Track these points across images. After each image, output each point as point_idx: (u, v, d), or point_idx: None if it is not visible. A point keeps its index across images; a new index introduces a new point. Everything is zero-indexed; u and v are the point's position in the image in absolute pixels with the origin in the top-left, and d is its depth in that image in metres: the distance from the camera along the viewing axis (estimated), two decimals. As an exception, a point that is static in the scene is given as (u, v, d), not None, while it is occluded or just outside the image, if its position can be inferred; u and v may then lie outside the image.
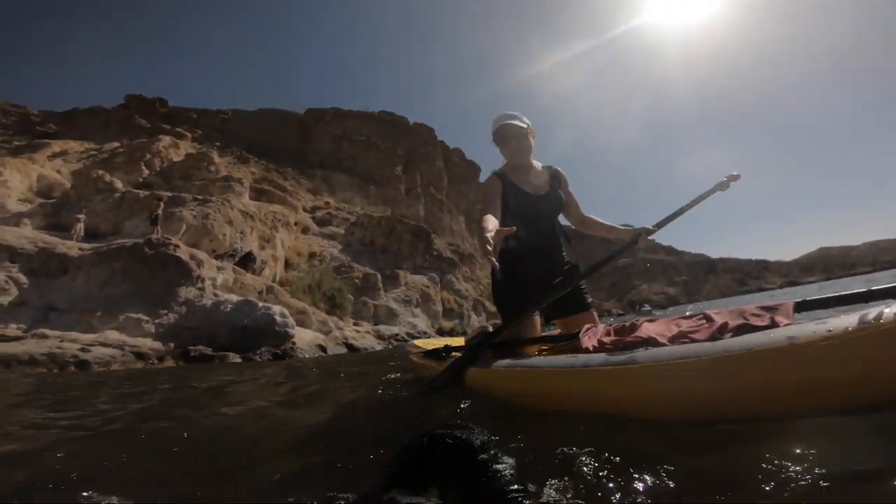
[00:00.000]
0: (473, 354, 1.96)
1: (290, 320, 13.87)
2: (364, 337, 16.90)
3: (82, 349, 9.99)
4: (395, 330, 18.68)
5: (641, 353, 1.22)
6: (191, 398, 4.01)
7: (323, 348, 13.84)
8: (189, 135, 39.80)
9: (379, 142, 46.07)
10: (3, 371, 8.40)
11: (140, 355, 10.61)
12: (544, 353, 1.79)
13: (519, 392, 1.57)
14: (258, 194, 23.03)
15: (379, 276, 20.07)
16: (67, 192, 16.01)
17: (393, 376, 3.36)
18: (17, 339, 10.10)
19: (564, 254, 2.32)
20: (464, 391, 1.90)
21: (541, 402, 1.47)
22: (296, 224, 21.14)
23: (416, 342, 3.53)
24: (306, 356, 12.71)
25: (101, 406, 3.59)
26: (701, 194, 2.04)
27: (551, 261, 2.23)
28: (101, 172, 17.12)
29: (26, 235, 12.52)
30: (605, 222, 2.31)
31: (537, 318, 2.03)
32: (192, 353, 11.27)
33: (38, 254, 11.87)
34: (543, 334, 2.03)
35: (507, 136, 2.15)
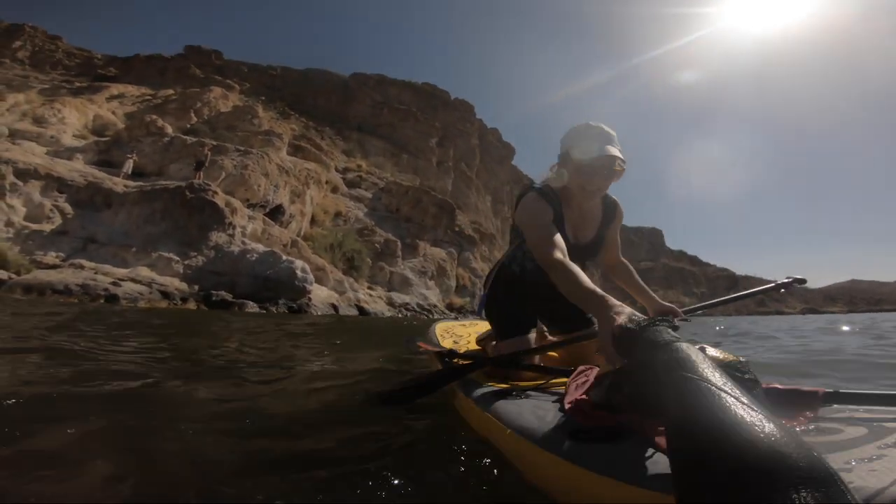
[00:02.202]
0: (453, 374, 1.66)
1: (310, 276, 14.41)
2: (376, 302, 17.22)
3: (114, 283, 10.73)
4: (407, 299, 19.06)
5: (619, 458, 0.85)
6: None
7: (335, 307, 14.38)
8: (237, 87, 40.95)
9: (418, 112, 46.09)
10: (36, 298, 8.87)
11: (166, 294, 11.35)
12: (538, 383, 1.52)
13: (485, 436, 1.32)
14: (295, 150, 23.77)
15: (399, 243, 20.55)
16: (120, 133, 17.14)
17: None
18: (54, 267, 10.92)
19: None
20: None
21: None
22: (326, 182, 21.80)
23: (441, 328, 2.98)
24: (319, 313, 13.19)
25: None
26: (751, 291, 1.72)
27: (557, 301, 1.65)
28: (153, 117, 18.18)
29: (77, 168, 13.58)
30: (639, 279, 1.90)
31: (534, 336, 1.77)
32: (213, 298, 11.93)
33: (85, 187, 12.85)
34: (547, 344, 1.81)
35: (600, 170, 1.58)
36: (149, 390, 1.91)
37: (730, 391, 0.60)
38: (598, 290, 1.12)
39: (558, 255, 1.36)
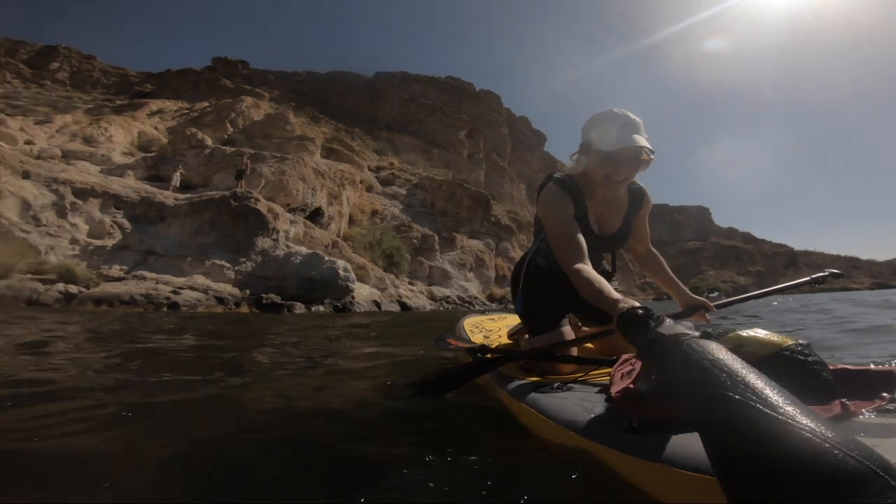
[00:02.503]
0: (484, 366, 1.58)
1: (352, 275, 14.69)
2: (417, 297, 17.42)
3: (174, 291, 11.26)
4: (448, 292, 19.19)
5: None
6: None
7: (378, 304, 14.60)
8: (267, 95, 41.96)
9: (444, 106, 45.98)
10: (105, 309, 9.34)
11: (221, 300, 11.81)
12: (578, 375, 1.47)
13: (530, 429, 1.27)
14: (328, 153, 24.14)
15: (436, 237, 20.59)
16: (164, 147, 17.83)
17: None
18: (119, 279, 11.53)
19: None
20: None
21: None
22: (361, 182, 22.04)
23: (471, 322, 2.91)
24: (362, 310, 13.44)
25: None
26: (788, 284, 1.67)
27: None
28: (193, 130, 18.83)
29: (130, 185, 14.21)
30: (670, 272, 1.84)
31: (569, 329, 1.70)
32: (264, 301, 12.33)
33: (140, 202, 13.43)
34: (585, 334, 1.76)
35: (626, 160, 1.52)
36: (210, 387, 2.07)
37: (748, 395, 0.56)
38: (615, 294, 1.13)
39: (576, 260, 1.38)
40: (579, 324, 1.99)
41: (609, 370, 1.30)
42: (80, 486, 1.02)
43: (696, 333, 0.76)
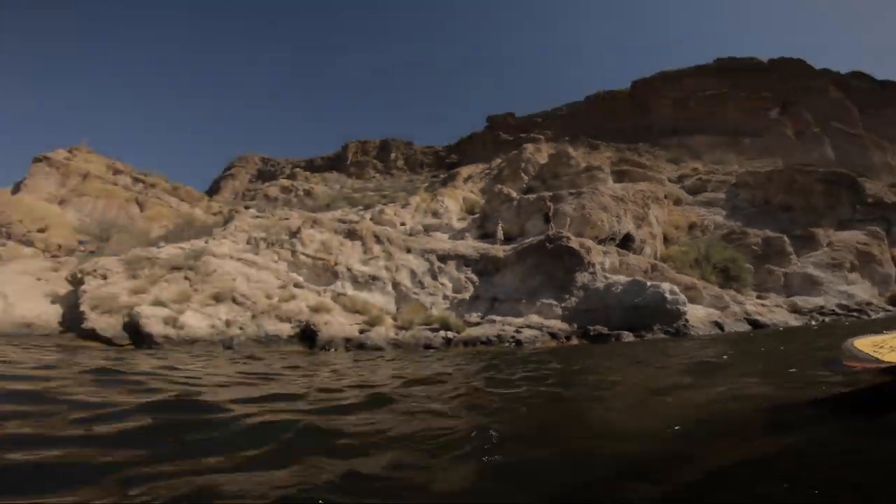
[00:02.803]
0: None
1: (681, 297, 13.38)
2: (773, 311, 14.47)
3: (516, 331, 12.85)
4: (819, 301, 15.03)
5: None
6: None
7: (719, 325, 13.06)
8: (542, 137, 45.06)
9: (731, 91, 38.53)
10: (471, 349, 11.42)
11: (553, 335, 12.76)
12: None
13: None
14: (619, 176, 23.42)
15: (785, 238, 16.57)
16: (483, 207, 20.99)
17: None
18: (477, 324, 13.87)
19: None
20: None
21: None
22: (665, 198, 20.22)
23: (858, 342, 2.48)
24: (700, 334, 12.29)
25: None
26: None
27: None
28: (499, 187, 21.60)
29: (470, 245, 17.07)
30: None
31: None
32: (591, 333, 12.78)
33: (480, 258, 15.89)
34: None
35: None
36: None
37: None
38: None
39: None
40: None
41: None
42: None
43: None
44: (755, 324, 13.30)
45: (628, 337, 12.33)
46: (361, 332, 12.40)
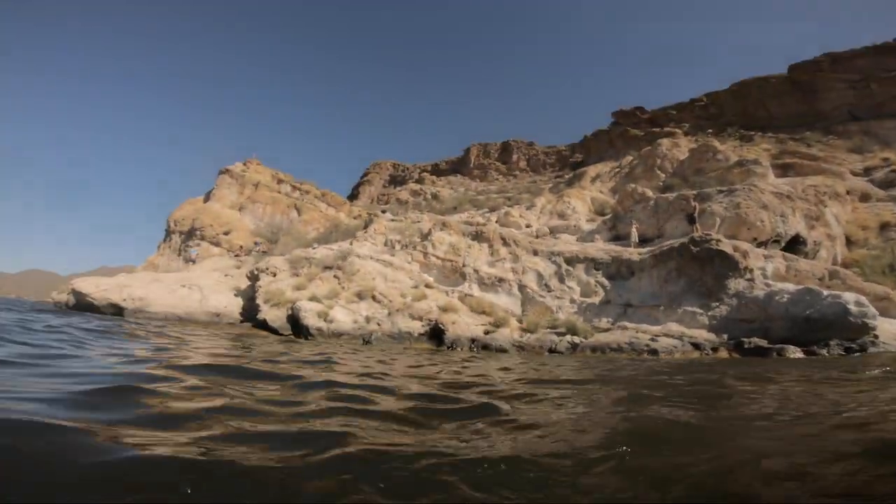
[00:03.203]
0: None
1: (870, 309, 11.24)
2: None
3: (652, 339, 11.96)
4: None
5: None
6: None
7: None
8: (678, 131, 40.80)
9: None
10: (600, 356, 11.01)
11: (696, 345, 11.68)
12: None
13: None
14: (783, 170, 20.13)
15: None
16: (615, 207, 19.81)
17: None
18: (606, 330, 13.15)
19: None
20: None
21: None
22: (848, 193, 16.80)
23: None
24: (891, 350, 10.40)
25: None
26: None
27: None
28: (633, 186, 20.15)
29: (601, 248, 16.22)
30: None
31: None
32: (746, 345, 11.41)
33: (612, 262, 15.00)
34: None
35: None
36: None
37: None
38: None
39: None
40: None
41: None
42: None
43: None
44: None
45: (795, 352, 10.78)
46: (486, 332, 12.62)
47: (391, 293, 13.21)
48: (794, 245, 14.68)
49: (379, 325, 11.80)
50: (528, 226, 19.78)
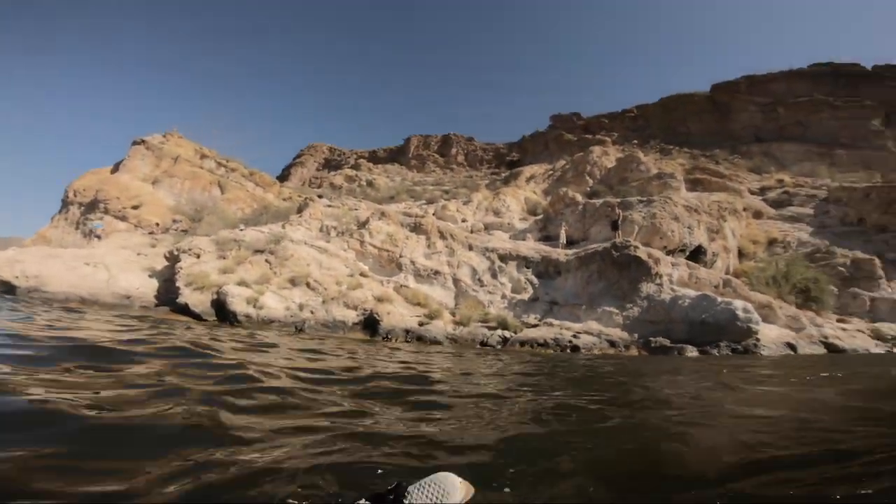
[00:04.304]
0: None
1: (755, 315, 12.88)
2: (854, 336, 13.60)
3: (574, 336, 12.86)
4: (906, 330, 13.81)
5: None
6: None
7: (792, 346, 12.46)
8: (608, 139, 43.61)
9: (829, 98, 35.19)
10: (528, 350, 11.67)
11: (612, 343, 12.70)
12: None
13: None
14: (693, 185, 22.35)
15: (876, 261, 15.25)
16: (546, 209, 20.82)
17: None
18: (534, 326, 13.90)
19: None
20: None
21: None
22: (745, 210, 19.07)
23: None
24: (769, 353, 11.78)
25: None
26: None
27: None
28: (564, 190, 21.29)
29: (531, 247, 17.02)
30: None
31: None
32: (652, 344, 12.54)
33: (541, 260, 15.82)
34: None
35: None
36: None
37: None
38: None
39: None
40: None
41: None
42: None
43: None
44: (831, 348, 12.63)
45: (692, 351, 12.06)
46: (421, 324, 12.85)
47: (326, 280, 12.98)
48: (697, 255, 16.40)
49: (312, 312, 11.58)
50: (464, 220, 20.23)
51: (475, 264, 15.46)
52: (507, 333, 12.91)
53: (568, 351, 12.03)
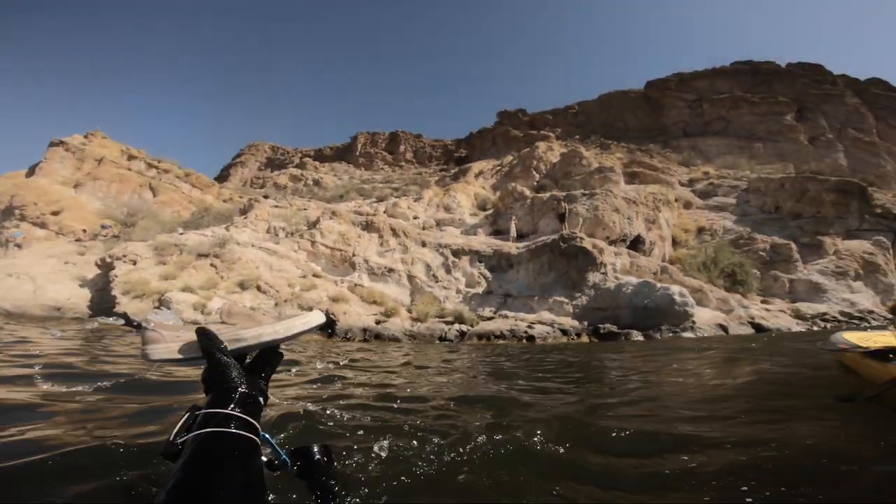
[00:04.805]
0: None
1: (690, 300, 13.81)
2: (777, 316, 14.89)
3: (529, 326, 13.26)
4: (822, 308, 15.46)
5: None
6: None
7: (724, 328, 13.48)
8: (552, 135, 45.13)
9: (748, 95, 38.50)
10: (486, 343, 11.93)
11: (564, 331, 13.20)
12: None
13: None
14: (631, 178, 23.67)
15: (793, 245, 16.92)
16: (496, 204, 21.29)
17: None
18: (490, 318, 14.28)
19: None
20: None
21: None
22: (676, 201, 20.49)
23: (849, 335, 3.10)
24: (705, 335, 12.71)
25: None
26: None
27: None
28: (513, 185, 21.87)
29: (483, 241, 17.38)
30: None
31: None
32: (601, 331, 13.22)
33: (493, 254, 16.21)
34: None
35: None
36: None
37: None
38: None
39: None
40: None
41: None
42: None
43: None
44: (758, 328, 13.68)
45: (637, 336, 12.80)
46: (378, 322, 12.80)
47: (278, 283, 12.60)
48: (636, 244, 17.43)
49: (265, 315, 11.21)
50: (415, 217, 20.27)
51: (429, 260, 15.56)
52: (464, 327, 13.10)
53: (524, 341, 12.39)
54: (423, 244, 16.23)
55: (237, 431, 0.70)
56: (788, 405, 2.66)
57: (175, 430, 0.75)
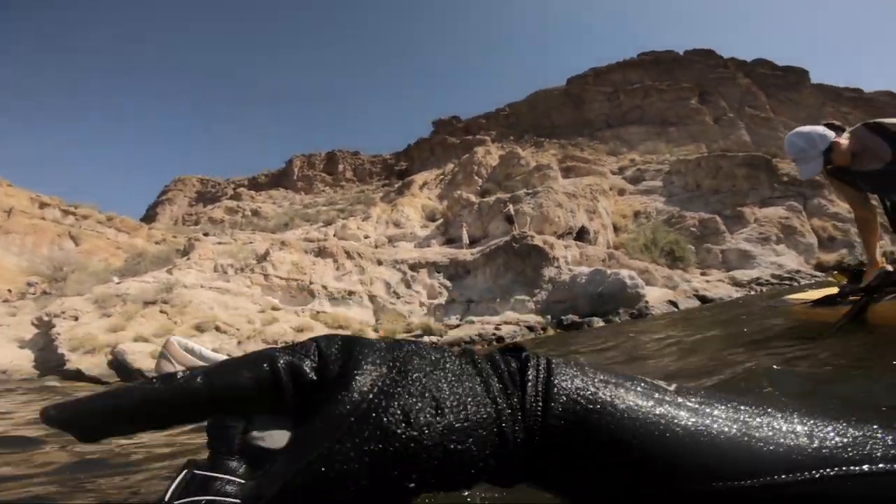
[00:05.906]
0: (873, 293, 2.20)
1: (640, 281, 14.69)
2: (717, 286, 16.07)
3: (496, 328, 13.53)
4: (755, 273, 16.93)
5: None
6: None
7: (674, 304, 14.08)
8: (488, 138, 46.41)
9: (655, 83, 41.85)
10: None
11: (530, 328, 13.53)
12: None
13: None
14: (567, 172, 24.89)
15: (718, 218, 18.57)
16: (445, 213, 21.65)
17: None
18: (457, 326, 14.54)
19: None
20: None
21: None
22: (610, 189, 21.83)
23: (792, 297, 3.65)
24: (660, 312, 13.29)
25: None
26: None
27: None
28: (458, 192, 22.35)
29: (438, 251, 17.65)
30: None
31: None
32: (565, 322, 13.62)
33: (450, 264, 16.51)
34: None
35: None
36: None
37: None
38: None
39: None
40: None
41: None
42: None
43: None
44: (703, 299, 14.59)
45: (598, 322, 13.20)
46: (346, 347, 12.64)
47: (237, 321, 12.15)
48: (581, 235, 18.39)
49: (230, 355, 10.76)
50: (366, 237, 20.19)
51: (387, 278, 15.59)
52: (433, 338, 13.22)
53: (494, 343, 12.72)
54: (380, 262, 16.23)
55: None
56: (768, 343, 3.10)
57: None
